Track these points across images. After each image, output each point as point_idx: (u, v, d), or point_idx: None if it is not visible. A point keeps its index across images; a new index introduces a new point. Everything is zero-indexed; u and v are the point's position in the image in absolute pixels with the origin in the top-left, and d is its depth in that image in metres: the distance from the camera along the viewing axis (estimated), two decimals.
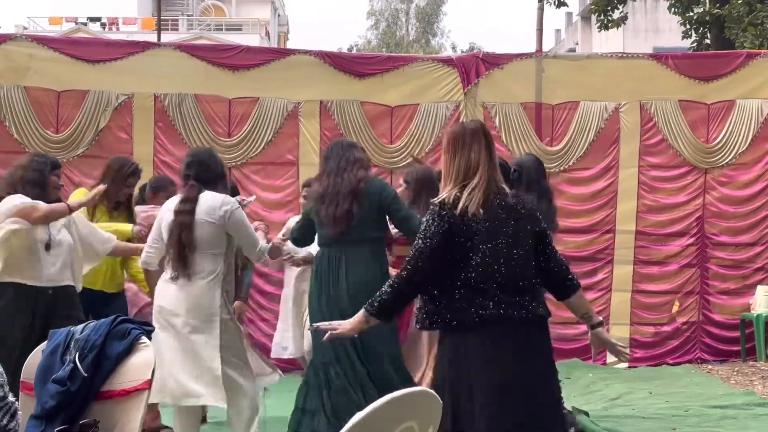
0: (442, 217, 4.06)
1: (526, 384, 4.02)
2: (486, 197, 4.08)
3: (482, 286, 4.01)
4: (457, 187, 4.12)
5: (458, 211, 4.04)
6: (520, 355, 4.04)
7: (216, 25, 49.22)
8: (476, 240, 4.04)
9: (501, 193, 4.14)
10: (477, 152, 4.15)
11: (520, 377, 4.02)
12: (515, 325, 4.02)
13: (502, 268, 4.03)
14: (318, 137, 9.72)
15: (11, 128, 9.32)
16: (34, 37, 10.07)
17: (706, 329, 10.11)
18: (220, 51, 10.16)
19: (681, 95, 10.06)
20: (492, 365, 3.99)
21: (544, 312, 4.15)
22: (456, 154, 4.17)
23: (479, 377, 3.99)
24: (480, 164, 4.13)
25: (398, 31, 53.84)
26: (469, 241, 4.04)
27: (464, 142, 4.18)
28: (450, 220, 4.05)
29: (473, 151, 4.15)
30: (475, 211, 4.03)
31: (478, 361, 4.01)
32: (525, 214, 4.16)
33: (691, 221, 10.10)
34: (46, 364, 4.10)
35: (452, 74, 9.92)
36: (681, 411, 7.71)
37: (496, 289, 4.01)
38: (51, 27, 44.43)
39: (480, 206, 4.05)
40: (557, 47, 46.88)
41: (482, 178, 4.10)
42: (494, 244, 4.05)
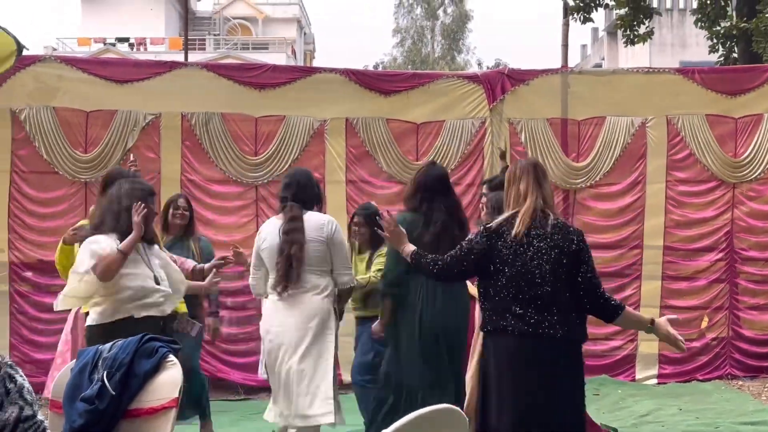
0: (482, 236, 4.70)
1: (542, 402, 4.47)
2: (530, 223, 4.63)
3: (510, 301, 4.54)
4: (509, 215, 4.73)
5: (495, 235, 4.65)
6: (538, 372, 4.50)
7: (242, 44, 49.53)
8: (507, 260, 4.59)
9: (545, 219, 4.68)
10: (526, 184, 4.74)
11: (536, 395, 4.48)
12: (537, 342, 4.50)
13: (529, 287, 4.53)
14: (344, 155, 9.75)
15: (41, 149, 9.40)
16: (63, 58, 10.17)
17: (735, 345, 10.03)
18: (247, 70, 10.20)
19: (708, 110, 10.01)
20: (510, 374, 4.53)
21: (572, 335, 4.56)
22: (510, 187, 4.82)
23: (500, 381, 4.56)
24: (528, 195, 4.72)
25: (424, 48, 53.87)
26: (499, 260, 4.60)
27: (515, 176, 4.81)
28: (485, 242, 4.66)
29: (522, 183, 4.76)
30: (516, 234, 4.60)
31: (500, 366, 4.57)
32: (560, 243, 4.61)
33: (720, 236, 10.03)
34: (74, 383, 4.13)
35: (478, 91, 9.93)
36: (711, 428, 7.65)
37: (522, 306, 4.52)
38: (80, 48, 44.90)
39: (523, 230, 4.60)
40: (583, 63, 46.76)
41: (530, 207, 4.68)
42: (522, 265, 4.56)
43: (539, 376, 4.48)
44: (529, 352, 4.50)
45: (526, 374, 4.49)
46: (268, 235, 5.92)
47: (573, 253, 4.62)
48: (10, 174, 9.40)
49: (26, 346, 9.30)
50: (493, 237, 4.67)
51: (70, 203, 9.43)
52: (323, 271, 5.85)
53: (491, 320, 4.62)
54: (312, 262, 5.78)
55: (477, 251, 4.69)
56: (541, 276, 4.55)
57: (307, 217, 5.86)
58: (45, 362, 9.09)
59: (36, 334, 9.36)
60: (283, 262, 5.74)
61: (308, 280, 5.78)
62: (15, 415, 3.05)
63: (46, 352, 9.26)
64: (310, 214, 5.89)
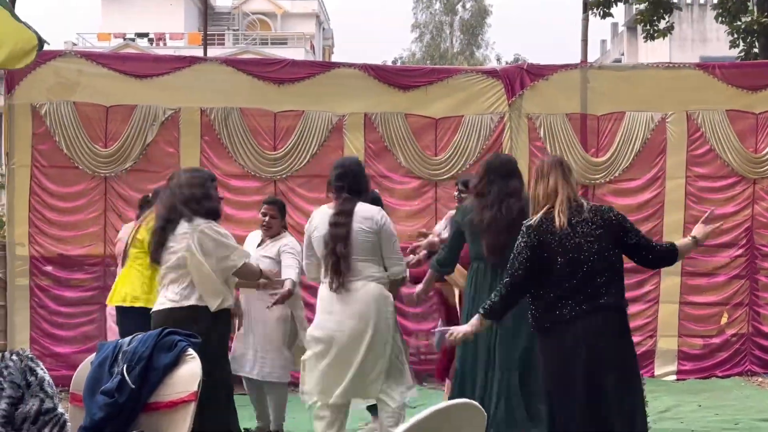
0: (528, 236, 4.98)
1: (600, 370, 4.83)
2: (569, 215, 4.95)
3: (566, 287, 4.88)
4: (542, 211, 5.01)
5: (539, 231, 4.95)
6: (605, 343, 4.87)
7: (261, 39, 49.57)
8: (554, 252, 4.91)
9: (580, 207, 5.00)
10: (555, 180, 5.03)
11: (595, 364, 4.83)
12: (590, 316, 4.87)
13: (579, 272, 4.89)
14: (362, 150, 9.74)
15: (61, 143, 9.44)
16: (83, 53, 10.21)
17: (755, 341, 9.98)
18: (266, 65, 10.21)
19: (728, 105, 9.95)
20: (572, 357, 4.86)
21: (618, 302, 4.97)
22: (538, 183, 5.08)
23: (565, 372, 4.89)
24: (559, 189, 5.01)
25: (442, 43, 53.76)
26: (548, 253, 4.92)
27: (543, 173, 5.08)
28: (534, 238, 4.96)
29: (551, 178, 5.04)
30: (560, 227, 4.91)
31: (564, 353, 4.89)
32: (600, 223, 4.97)
33: (740, 232, 9.98)
34: (94, 376, 4.15)
35: (497, 86, 9.90)
36: (731, 424, 7.63)
37: (574, 291, 4.88)
38: (99, 43, 45.04)
39: (565, 220, 4.92)
40: (602, 58, 46.59)
41: (563, 199, 4.98)
42: (571, 253, 4.90)
43: (606, 347, 4.87)
44: (594, 325, 4.86)
45: (595, 348, 4.84)
46: (319, 224, 5.99)
47: (615, 226, 5.02)
48: (31, 169, 9.45)
49: (46, 340, 9.36)
50: (538, 232, 4.97)
51: (90, 198, 9.48)
52: (374, 260, 5.92)
53: (547, 314, 4.94)
54: (362, 252, 5.85)
55: (529, 247, 4.97)
56: (590, 257, 4.90)
57: (358, 208, 5.92)
58: (65, 356, 9.19)
59: (56, 328, 9.42)
60: (330, 257, 5.83)
61: (359, 269, 5.85)
62: (36, 408, 3.07)
63: (66, 345, 9.36)
64: (361, 205, 5.95)
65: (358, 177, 6.03)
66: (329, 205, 6.07)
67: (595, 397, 4.82)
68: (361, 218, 5.87)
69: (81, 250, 9.47)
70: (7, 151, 9.59)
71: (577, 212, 4.98)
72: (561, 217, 4.94)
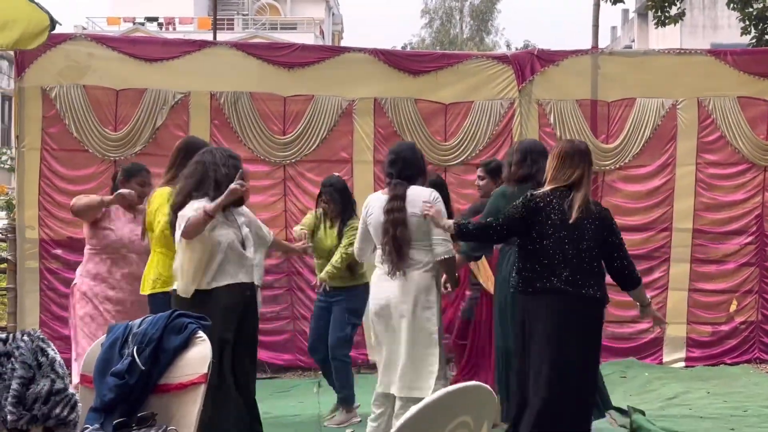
0: (527, 203, 5.37)
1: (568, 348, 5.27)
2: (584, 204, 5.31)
3: (557, 265, 5.27)
4: (557, 189, 5.36)
5: (539, 204, 5.33)
6: (569, 323, 5.28)
7: (271, 24, 49.53)
8: (549, 228, 5.30)
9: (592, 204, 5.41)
10: (582, 171, 5.38)
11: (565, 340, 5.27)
12: (571, 298, 5.27)
13: (569, 253, 5.26)
14: (372, 135, 9.74)
15: (71, 126, 9.45)
16: (93, 37, 10.21)
17: (764, 329, 9.97)
18: (276, 49, 10.20)
19: (740, 92, 9.92)
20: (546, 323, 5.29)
21: (599, 294, 5.34)
22: (564, 165, 5.38)
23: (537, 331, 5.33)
24: (584, 183, 5.37)
25: (452, 29, 53.72)
26: (544, 227, 5.31)
27: (573, 159, 5.40)
28: (532, 207, 5.34)
29: (578, 168, 5.38)
30: (575, 220, 5.26)
31: (539, 319, 5.32)
32: (598, 216, 5.38)
33: (750, 219, 9.96)
34: (105, 357, 4.16)
35: (507, 71, 9.88)
36: (739, 411, 7.63)
37: (569, 270, 5.26)
38: (109, 27, 45.05)
39: (578, 216, 5.26)
40: (613, 45, 46.46)
41: (584, 195, 5.34)
42: (565, 234, 5.28)
43: (578, 332, 5.30)
44: (573, 309, 5.28)
45: (570, 329, 5.27)
46: (374, 210, 6.00)
47: (609, 226, 5.42)
48: (41, 152, 9.47)
49: (56, 323, 9.38)
50: (537, 205, 5.34)
51: (99, 181, 9.48)
52: (427, 246, 5.92)
53: (537, 281, 5.33)
54: (416, 237, 5.87)
55: (518, 217, 5.37)
56: (587, 247, 5.29)
57: (411, 192, 5.91)
58: None
59: (65, 311, 9.39)
60: (390, 242, 5.84)
61: (413, 256, 5.87)
62: (47, 388, 3.08)
63: None
64: (413, 188, 5.95)
65: (408, 162, 6.01)
66: (383, 191, 6.09)
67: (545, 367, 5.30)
68: (415, 202, 5.88)
69: None
70: (17, 134, 9.61)
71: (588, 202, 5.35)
72: (577, 213, 5.27)
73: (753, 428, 7.02)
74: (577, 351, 5.30)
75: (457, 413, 2.82)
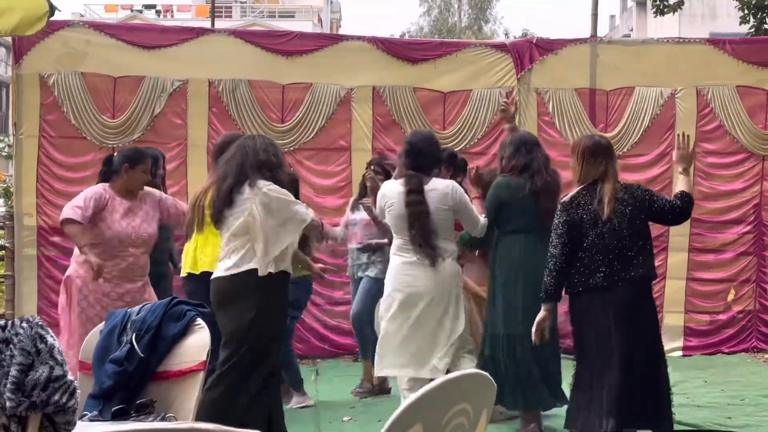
0: (567, 213, 5.49)
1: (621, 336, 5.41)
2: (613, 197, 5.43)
3: (598, 259, 5.42)
4: (583, 189, 5.52)
5: (575, 207, 5.48)
6: (623, 310, 5.43)
7: (269, 11, 49.45)
8: (587, 228, 5.44)
9: (619, 191, 5.49)
10: (604, 164, 5.52)
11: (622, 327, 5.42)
12: (621, 286, 5.42)
13: (610, 245, 5.40)
14: (370, 123, 9.72)
15: (69, 114, 9.43)
16: (91, 24, 10.17)
17: (762, 318, 9.98)
18: (274, 37, 10.17)
19: (738, 81, 9.90)
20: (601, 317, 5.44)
21: (649, 273, 5.55)
22: (587, 163, 5.53)
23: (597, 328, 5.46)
24: (608, 174, 5.49)
25: (450, 17, 53.64)
26: (582, 229, 5.45)
27: (596, 155, 5.53)
28: (571, 215, 5.48)
29: (601, 164, 5.51)
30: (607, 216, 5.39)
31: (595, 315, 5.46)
32: (631, 201, 5.47)
33: (748, 209, 9.96)
34: (104, 345, 4.17)
35: (505, 60, 9.86)
36: (737, 400, 7.64)
37: (606, 260, 5.40)
38: (107, 14, 45.00)
39: (610, 212, 5.39)
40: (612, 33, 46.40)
41: (611, 189, 5.44)
42: (602, 228, 5.42)
43: (635, 312, 5.47)
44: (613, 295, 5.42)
45: (628, 317, 5.43)
46: (394, 201, 5.99)
47: (644, 200, 5.52)
48: (39, 139, 9.44)
49: (54, 310, 9.31)
50: (575, 209, 5.50)
51: (97, 168, 9.39)
52: (449, 236, 6.03)
53: (580, 281, 5.48)
54: (439, 229, 5.92)
55: (567, 224, 5.48)
56: (628, 234, 5.42)
57: (430, 185, 5.95)
58: None
59: None
60: (419, 234, 5.87)
61: (441, 245, 5.93)
62: (46, 375, 3.07)
63: None
64: (433, 182, 5.98)
65: (422, 153, 6.03)
66: (399, 181, 6.09)
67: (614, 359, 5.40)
68: (436, 197, 5.92)
69: None
70: (14, 122, 9.60)
71: (618, 194, 5.48)
72: (608, 209, 5.40)
73: (750, 417, 7.04)
74: (641, 334, 5.51)
75: (457, 400, 2.82)
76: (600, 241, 5.43)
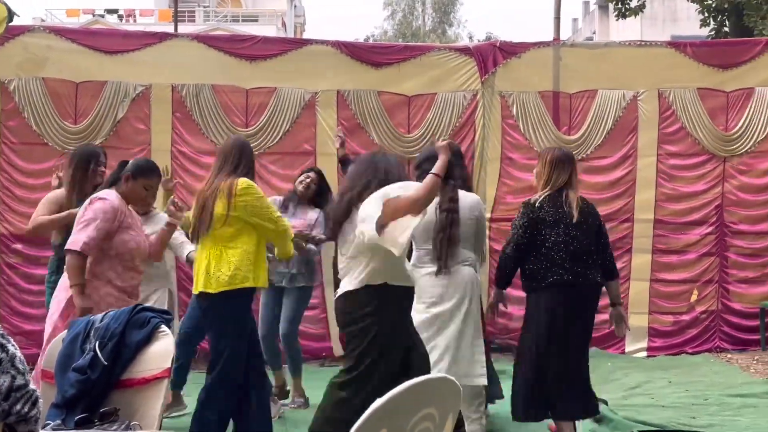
0: (531, 212, 5.90)
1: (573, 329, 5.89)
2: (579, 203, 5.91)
3: (558, 260, 5.82)
4: (547, 193, 5.92)
5: (541, 210, 5.88)
6: (574, 309, 5.87)
7: (232, 16, 49.27)
8: (548, 229, 5.86)
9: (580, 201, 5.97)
10: (567, 174, 5.97)
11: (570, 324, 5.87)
12: (581, 284, 5.86)
13: (570, 247, 5.83)
14: (335, 127, 9.71)
15: (30, 120, 9.35)
16: (52, 29, 10.09)
17: (725, 318, 10.07)
18: (237, 41, 10.14)
19: (700, 83, 9.99)
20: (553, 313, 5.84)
21: (600, 280, 6.00)
22: (555, 170, 5.94)
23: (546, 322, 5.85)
24: (571, 182, 5.97)
25: (414, 21, 53.72)
26: (544, 229, 5.86)
27: (562, 162, 5.97)
28: (535, 216, 5.88)
29: (565, 172, 5.96)
30: (573, 213, 5.85)
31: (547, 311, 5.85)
32: (593, 212, 6.04)
33: (710, 210, 10.05)
34: (66, 353, 4.12)
35: (469, 63, 9.89)
36: (700, 400, 7.70)
37: (564, 261, 5.82)
38: (68, 19, 44.65)
39: (576, 216, 5.85)
40: (575, 36, 46.69)
41: (575, 195, 5.94)
42: (563, 232, 5.85)
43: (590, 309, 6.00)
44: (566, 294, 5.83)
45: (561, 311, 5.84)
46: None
47: (599, 219, 6.09)
48: (0, 145, 9.35)
49: (16, 318, 9.28)
50: (539, 211, 5.89)
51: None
52: (472, 245, 6.11)
53: (544, 277, 5.84)
54: (465, 238, 6.02)
55: (530, 223, 5.88)
56: (586, 240, 5.90)
57: (461, 196, 6.04)
58: (35, 334, 9.06)
59: (26, 306, 9.34)
60: (443, 241, 5.93)
61: (461, 254, 6.01)
62: (7, 384, 3.03)
63: (36, 323, 9.21)
64: (463, 194, 6.07)
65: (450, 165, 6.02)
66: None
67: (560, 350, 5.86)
68: (466, 206, 6.04)
69: None
70: None
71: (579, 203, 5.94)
72: (575, 211, 5.85)
73: (714, 417, 7.09)
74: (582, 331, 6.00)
75: (422, 405, 2.81)
76: (564, 242, 5.83)
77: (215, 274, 5.50)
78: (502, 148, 9.91)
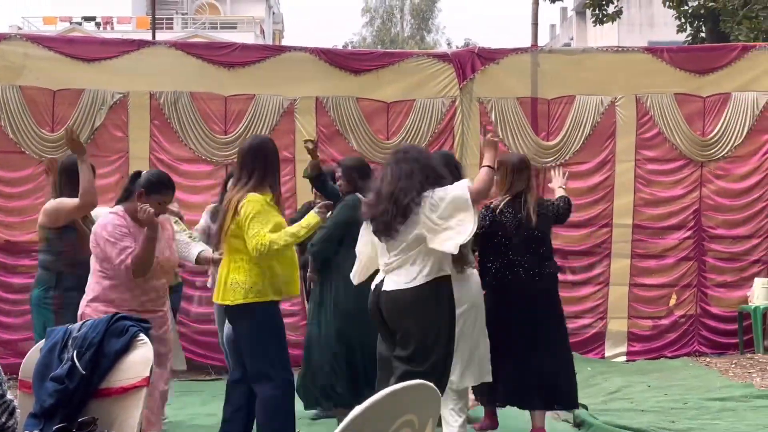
0: (486, 215, 6.28)
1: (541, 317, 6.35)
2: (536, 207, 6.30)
3: (518, 257, 6.24)
4: (506, 197, 6.31)
5: (501, 213, 6.29)
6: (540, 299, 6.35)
7: (210, 23, 49.18)
8: (508, 230, 6.25)
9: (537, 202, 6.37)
10: (526, 177, 6.39)
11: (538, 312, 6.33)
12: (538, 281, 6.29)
13: (531, 247, 6.25)
14: (314, 134, 9.70)
15: (7, 128, 9.30)
16: (29, 36, 10.04)
17: (703, 322, 10.11)
18: (216, 48, 10.12)
19: (677, 88, 10.06)
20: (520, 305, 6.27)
21: (557, 270, 6.55)
22: (513, 175, 6.33)
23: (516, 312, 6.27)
24: (530, 186, 6.39)
25: (393, 27, 53.81)
26: (501, 232, 6.26)
27: (521, 169, 6.37)
28: (490, 217, 6.29)
29: (524, 176, 6.38)
30: (534, 222, 6.23)
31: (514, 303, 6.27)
32: (546, 213, 6.38)
33: (688, 214, 10.10)
34: (44, 362, 4.08)
35: (448, 70, 9.91)
36: (680, 404, 7.73)
37: (528, 258, 6.25)
38: (45, 27, 44.38)
39: (535, 220, 6.23)
40: (552, 42, 46.87)
41: (534, 195, 6.38)
42: (525, 233, 6.23)
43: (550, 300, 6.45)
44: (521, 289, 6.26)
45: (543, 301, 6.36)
46: None
47: (551, 210, 6.46)
48: None
49: None
50: (499, 214, 6.28)
51: (36, 183, 9.31)
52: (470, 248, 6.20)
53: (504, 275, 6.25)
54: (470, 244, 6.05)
55: (489, 222, 6.26)
56: (541, 236, 6.32)
57: None
58: (12, 343, 9.04)
59: (3, 315, 9.28)
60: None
61: (469, 256, 6.17)
62: None
63: (14, 332, 9.20)
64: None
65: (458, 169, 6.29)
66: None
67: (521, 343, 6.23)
68: None
69: (28, 236, 9.22)
70: None
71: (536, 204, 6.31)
72: (534, 215, 6.22)
73: (693, 420, 7.12)
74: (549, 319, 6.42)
75: (402, 412, 2.81)
76: (523, 243, 6.24)
77: (231, 285, 5.53)
78: (481, 155, 9.89)
